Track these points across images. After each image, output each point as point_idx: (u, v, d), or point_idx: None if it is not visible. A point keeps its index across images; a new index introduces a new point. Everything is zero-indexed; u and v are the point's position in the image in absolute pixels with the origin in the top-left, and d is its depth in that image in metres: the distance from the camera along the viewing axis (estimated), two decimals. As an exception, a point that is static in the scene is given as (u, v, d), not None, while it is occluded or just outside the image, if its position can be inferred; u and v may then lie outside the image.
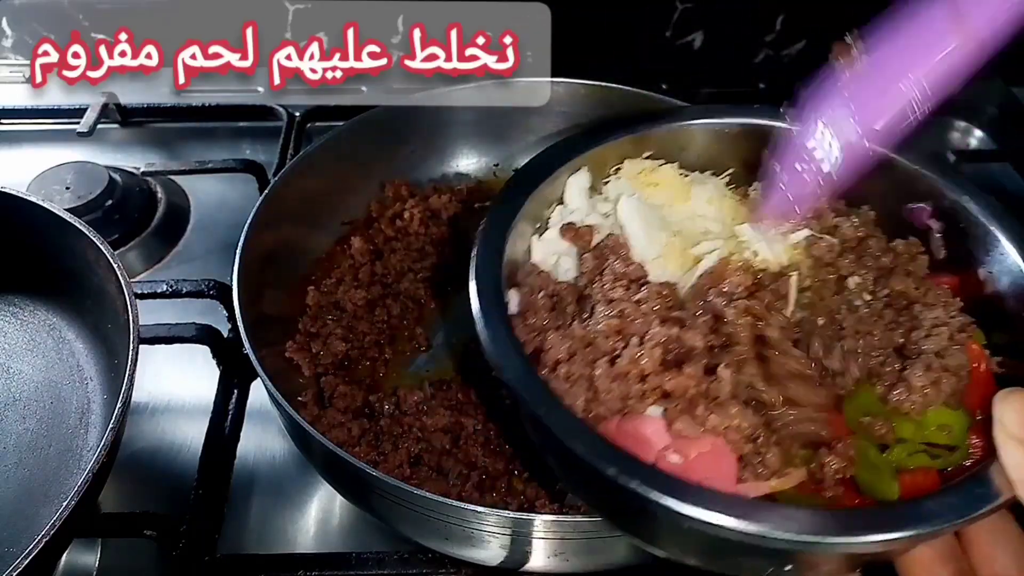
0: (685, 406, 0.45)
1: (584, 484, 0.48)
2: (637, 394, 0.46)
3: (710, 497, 0.39)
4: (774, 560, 0.43)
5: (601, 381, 0.46)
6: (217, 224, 0.89)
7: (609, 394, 0.46)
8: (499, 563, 0.58)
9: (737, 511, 0.38)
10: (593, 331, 0.49)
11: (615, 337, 0.48)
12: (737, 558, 0.44)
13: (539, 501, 0.60)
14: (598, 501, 0.48)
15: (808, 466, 0.45)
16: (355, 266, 0.78)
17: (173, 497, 0.63)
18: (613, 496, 0.43)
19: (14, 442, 0.62)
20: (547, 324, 0.51)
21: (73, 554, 0.62)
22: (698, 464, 0.44)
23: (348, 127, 0.80)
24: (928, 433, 0.45)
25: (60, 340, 0.68)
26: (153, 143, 1.00)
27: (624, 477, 0.40)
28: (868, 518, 0.40)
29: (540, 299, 0.52)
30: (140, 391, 0.61)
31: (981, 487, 0.40)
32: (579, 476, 0.47)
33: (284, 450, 0.70)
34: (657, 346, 0.46)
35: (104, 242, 0.61)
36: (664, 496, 0.39)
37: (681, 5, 1.05)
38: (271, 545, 0.64)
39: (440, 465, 0.63)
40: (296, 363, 0.70)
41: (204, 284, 0.72)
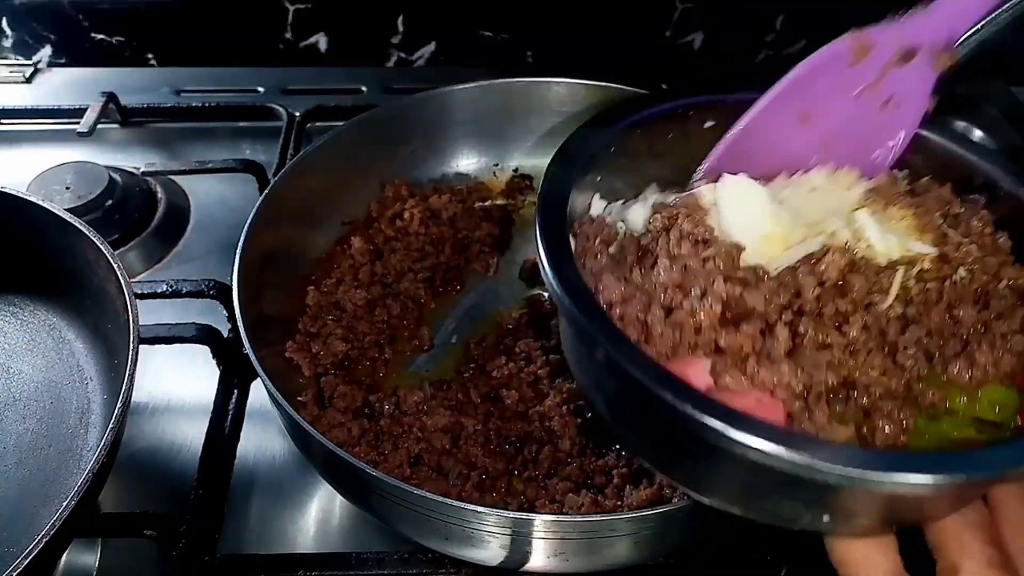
0: (736, 362, 0.45)
1: (634, 415, 0.48)
2: (689, 344, 0.46)
3: (758, 425, 0.39)
4: (813, 505, 0.43)
5: (655, 326, 0.46)
6: (217, 224, 0.89)
7: (661, 338, 0.46)
8: (499, 563, 0.58)
9: (784, 440, 0.38)
10: (652, 281, 0.48)
11: (674, 290, 0.48)
12: (777, 502, 0.44)
13: (539, 501, 0.60)
14: (646, 434, 0.48)
15: (858, 428, 0.44)
16: (355, 266, 0.78)
17: (173, 497, 0.63)
18: (664, 426, 0.43)
19: (14, 442, 0.62)
20: (604, 268, 0.51)
21: (73, 554, 0.62)
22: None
23: (348, 127, 0.80)
24: (980, 408, 0.45)
25: (60, 340, 0.68)
26: (153, 143, 1.00)
27: (680, 402, 0.39)
28: (916, 460, 0.39)
29: (597, 245, 0.52)
30: (140, 391, 0.61)
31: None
32: (632, 406, 0.47)
33: (284, 450, 0.70)
34: (718, 302, 0.46)
35: (104, 242, 0.61)
36: (716, 420, 0.38)
37: (681, 5, 1.05)
38: (271, 545, 0.64)
39: (440, 465, 0.63)
40: (296, 363, 0.70)
41: (204, 284, 0.72)
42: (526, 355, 0.70)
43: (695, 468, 0.46)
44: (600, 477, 0.61)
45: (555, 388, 0.67)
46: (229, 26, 1.08)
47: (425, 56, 1.12)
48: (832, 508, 0.43)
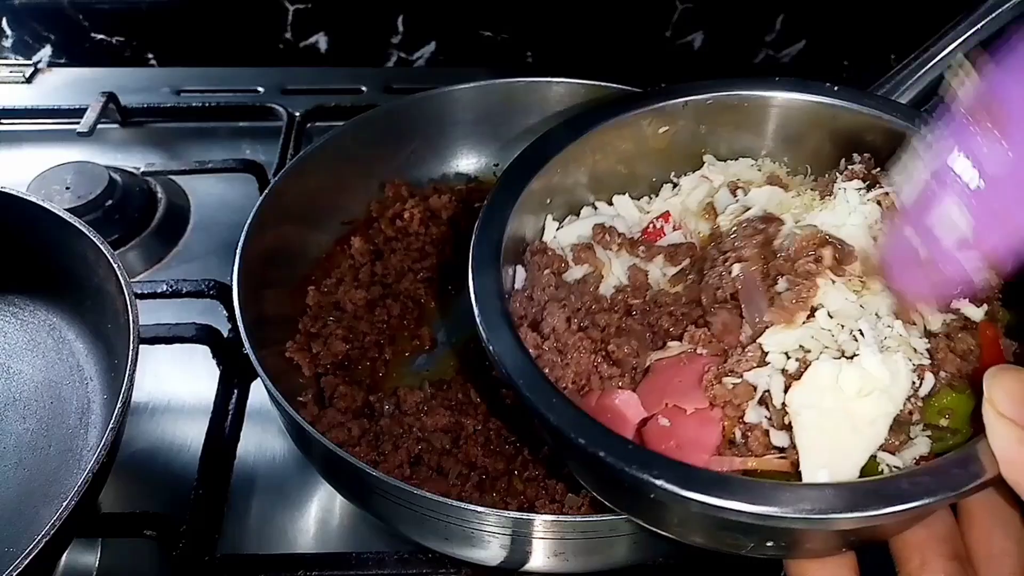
0: (719, 352, 0.47)
1: (583, 469, 0.49)
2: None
3: (692, 475, 0.39)
4: (754, 536, 0.43)
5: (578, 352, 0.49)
6: (217, 224, 0.89)
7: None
8: (499, 563, 0.58)
9: (720, 490, 0.38)
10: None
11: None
12: (728, 537, 0.44)
13: (539, 501, 0.60)
14: (594, 484, 0.49)
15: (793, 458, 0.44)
16: (355, 266, 0.78)
17: (173, 497, 0.63)
18: (603, 475, 0.44)
19: (14, 442, 0.62)
20: (551, 298, 0.52)
21: (73, 554, 0.62)
22: (683, 428, 0.45)
23: (348, 127, 0.80)
24: (928, 415, 0.44)
25: (60, 340, 0.68)
26: (153, 143, 1.00)
27: (626, 465, 0.40)
28: (852, 495, 0.39)
29: (545, 276, 0.53)
30: (140, 391, 0.61)
31: (970, 464, 0.39)
32: (574, 459, 0.47)
33: (284, 450, 0.70)
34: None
35: (104, 242, 0.61)
36: (642, 471, 0.39)
37: (681, 5, 1.05)
38: (271, 545, 0.64)
39: (440, 465, 0.63)
40: (296, 363, 0.70)
41: (204, 284, 0.72)
42: (526, 355, 0.70)
43: (643, 511, 0.47)
44: (600, 477, 0.61)
45: (555, 388, 0.67)
46: (229, 26, 1.08)
47: (425, 56, 1.12)
48: (776, 538, 0.43)
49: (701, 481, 0.39)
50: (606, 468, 0.40)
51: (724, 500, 0.38)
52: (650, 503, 0.42)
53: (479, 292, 0.48)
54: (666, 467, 0.39)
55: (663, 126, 0.58)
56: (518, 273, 0.55)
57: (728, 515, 0.38)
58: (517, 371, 0.44)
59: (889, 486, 0.39)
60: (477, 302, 0.48)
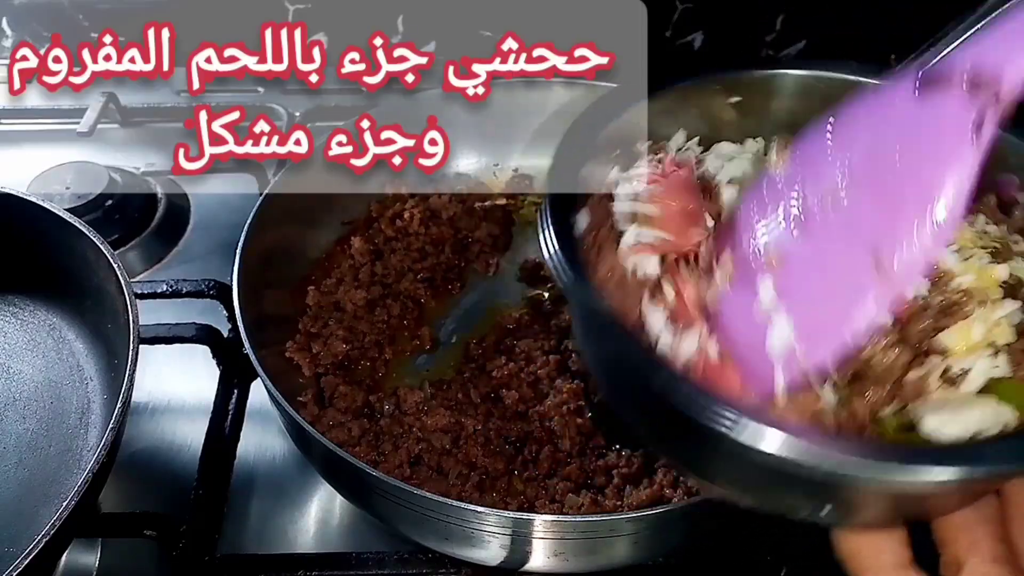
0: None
1: (636, 406, 0.47)
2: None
3: (772, 422, 0.37)
4: (821, 499, 0.41)
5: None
6: (217, 224, 0.89)
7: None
8: (499, 563, 0.58)
9: (802, 441, 0.36)
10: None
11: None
12: (783, 493, 0.43)
13: (539, 501, 0.60)
14: (651, 426, 0.47)
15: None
16: (355, 266, 0.78)
17: (173, 497, 0.63)
18: (672, 425, 0.42)
19: (14, 442, 0.62)
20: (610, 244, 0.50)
21: (73, 554, 0.62)
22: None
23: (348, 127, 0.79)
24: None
25: (60, 340, 0.68)
26: (153, 143, 1.00)
27: (691, 405, 0.38)
28: (922, 454, 0.37)
29: (607, 224, 0.51)
30: (140, 391, 0.61)
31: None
32: (635, 397, 0.46)
33: (284, 450, 0.70)
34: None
35: (104, 242, 0.61)
36: (726, 426, 0.37)
37: (681, 5, 1.05)
38: (271, 545, 0.64)
39: (440, 465, 0.63)
40: (296, 363, 0.70)
41: (204, 284, 0.72)
42: (526, 355, 0.70)
43: (698, 459, 0.45)
44: (600, 477, 0.61)
45: (555, 388, 0.67)
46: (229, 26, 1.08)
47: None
48: (834, 501, 0.42)
49: (787, 433, 0.36)
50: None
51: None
52: (724, 457, 0.40)
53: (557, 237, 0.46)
54: (760, 420, 0.36)
55: (733, 96, 0.57)
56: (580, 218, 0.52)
57: (813, 473, 0.36)
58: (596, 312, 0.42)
59: (965, 450, 0.37)
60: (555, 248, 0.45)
